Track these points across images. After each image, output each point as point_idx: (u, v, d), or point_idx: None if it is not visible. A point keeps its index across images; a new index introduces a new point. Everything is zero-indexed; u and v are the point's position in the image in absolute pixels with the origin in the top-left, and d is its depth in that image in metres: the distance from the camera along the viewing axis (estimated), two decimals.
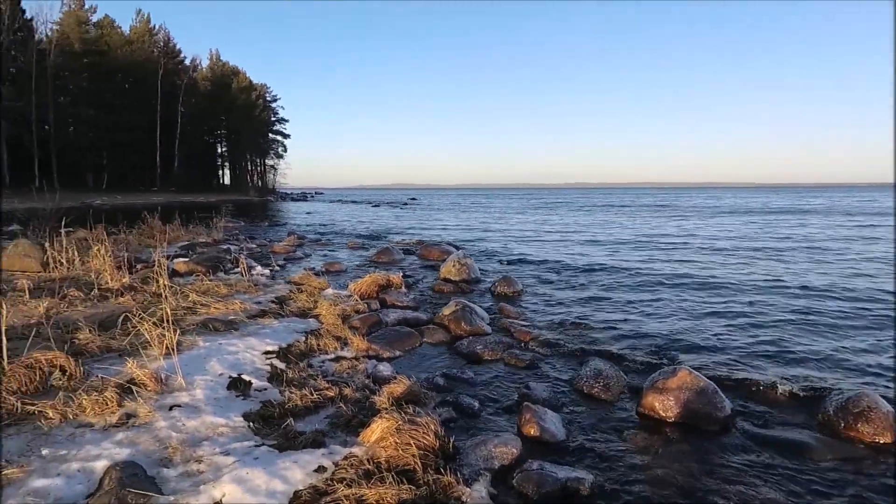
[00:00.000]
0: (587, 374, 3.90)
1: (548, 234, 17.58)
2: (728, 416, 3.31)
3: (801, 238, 15.10)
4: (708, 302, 6.72)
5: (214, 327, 4.62)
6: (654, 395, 3.44)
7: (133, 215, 14.10)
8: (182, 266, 7.95)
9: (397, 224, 22.97)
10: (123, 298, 5.55)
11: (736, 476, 2.70)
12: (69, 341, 3.93)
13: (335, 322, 5.03)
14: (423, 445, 2.54)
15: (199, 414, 2.92)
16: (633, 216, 27.77)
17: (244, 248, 11.42)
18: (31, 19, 42.96)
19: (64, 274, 6.67)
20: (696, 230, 18.25)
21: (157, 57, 51.07)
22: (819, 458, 2.90)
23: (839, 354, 4.65)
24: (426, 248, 11.52)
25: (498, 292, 7.14)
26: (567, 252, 12.33)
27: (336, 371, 3.91)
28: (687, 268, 9.65)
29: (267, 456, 2.49)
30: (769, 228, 18.65)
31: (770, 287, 7.63)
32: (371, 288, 6.61)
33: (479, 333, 5.12)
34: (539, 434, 2.95)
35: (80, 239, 8.87)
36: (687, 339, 5.12)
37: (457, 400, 3.49)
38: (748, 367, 4.35)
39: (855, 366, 4.37)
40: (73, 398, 2.90)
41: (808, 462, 2.87)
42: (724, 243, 13.99)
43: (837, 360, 4.50)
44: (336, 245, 13.59)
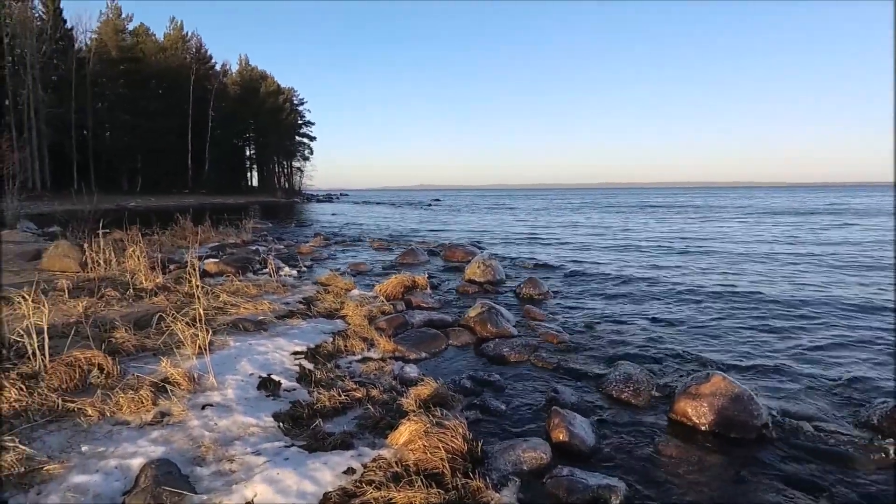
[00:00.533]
0: (616, 379, 3.83)
1: (574, 235, 17.39)
2: (765, 425, 3.20)
3: (842, 241, 14.56)
4: (746, 309, 6.52)
5: (244, 327, 4.70)
6: (686, 400, 3.35)
7: (166, 217, 14.51)
8: (213, 267, 8.12)
9: (421, 225, 23.05)
10: (157, 298, 5.69)
11: (774, 488, 2.61)
12: (106, 340, 4.04)
13: (362, 323, 5.07)
14: (451, 449, 2.53)
15: (230, 413, 2.97)
16: (663, 218, 27.24)
17: (272, 249, 11.61)
18: (72, 29, 44.66)
19: (101, 274, 6.87)
20: (732, 232, 17.80)
21: (189, 63, 52.49)
22: (861, 470, 2.79)
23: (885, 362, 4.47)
24: (450, 249, 11.52)
25: (523, 294, 7.08)
26: (594, 253, 12.18)
27: (363, 372, 3.93)
28: (723, 272, 9.41)
29: (297, 457, 2.51)
30: (815, 231, 17.80)
31: (818, 300, 7.31)
32: (397, 289, 6.64)
33: (505, 336, 5.08)
34: (568, 439, 2.91)
35: (116, 240, 9.16)
36: (721, 346, 4.98)
37: (484, 403, 3.48)
38: (785, 374, 4.21)
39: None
40: (111, 396, 2.98)
41: (849, 474, 2.75)
42: (765, 247, 13.59)
43: (881, 366, 4.33)
44: (361, 246, 13.71)
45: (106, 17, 47.98)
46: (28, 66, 37.39)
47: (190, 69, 51.59)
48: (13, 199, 15.47)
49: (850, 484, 2.65)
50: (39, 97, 38.23)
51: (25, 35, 37.44)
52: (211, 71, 57.44)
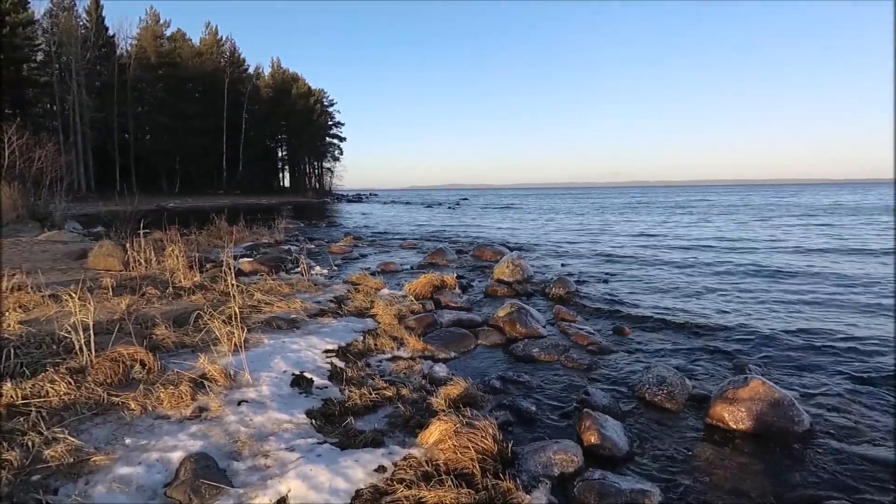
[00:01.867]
0: (650, 381, 3.76)
1: (603, 234, 17.13)
2: (807, 431, 3.10)
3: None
4: (785, 307, 6.32)
5: (278, 325, 4.80)
6: (723, 405, 3.27)
7: (202, 217, 14.93)
8: (247, 266, 8.32)
9: (449, 224, 23.07)
10: (195, 297, 5.87)
11: (815, 497, 2.52)
12: (147, 336, 4.20)
13: (391, 322, 5.11)
14: (481, 449, 2.53)
15: (265, 410, 3.04)
16: (702, 216, 26.58)
17: (303, 249, 11.82)
18: (113, 36, 46.43)
19: (142, 273, 7.13)
20: (762, 231, 17.25)
21: (223, 66, 53.98)
22: None
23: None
24: (479, 248, 11.50)
25: (553, 294, 7.02)
26: (625, 253, 11.97)
27: (393, 371, 3.97)
28: (762, 271, 9.14)
29: (329, 454, 2.56)
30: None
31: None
32: (426, 289, 6.67)
33: (534, 336, 5.05)
34: (600, 442, 2.87)
35: (156, 240, 9.47)
36: (760, 348, 4.83)
37: (514, 403, 3.46)
38: (831, 378, 4.05)
39: None
40: (152, 391, 3.09)
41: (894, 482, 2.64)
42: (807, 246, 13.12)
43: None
44: (390, 245, 13.82)
45: (145, 23, 49.75)
46: (73, 73, 39.08)
47: (224, 72, 53.03)
48: (61, 200, 16.19)
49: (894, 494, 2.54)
50: (84, 102, 39.91)
51: (71, 43, 39.13)
52: (244, 74, 58.87)
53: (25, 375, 3.21)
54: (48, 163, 16.93)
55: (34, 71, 39.58)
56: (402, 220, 26.13)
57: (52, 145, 18.18)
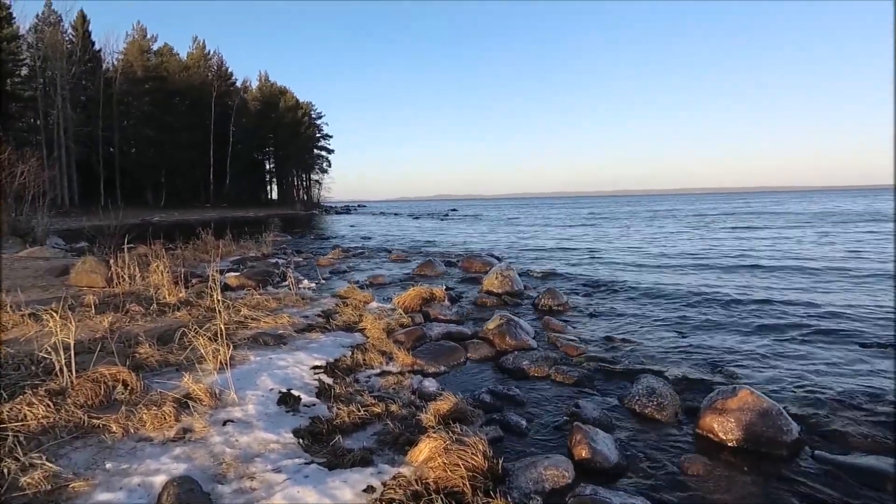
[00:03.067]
0: (639, 393, 3.75)
1: (593, 244, 17.22)
2: (795, 441, 3.10)
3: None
4: (776, 319, 6.35)
5: (265, 341, 4.74)
6: (712, 415, 3.27)
7: (188, 231, 14.78)
8: (234, 280, 8.23)
9: (439, 236, 23.07)
10: (180, 313, 5.78)
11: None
12: (131, 355, 4.11)
13: (380, 336, 5.07)
14: (471, 466, 2.50)
15: (251, 429, 2.98)
16: (700, 227, 26.85)
17: (291, 262, 11.73)
18: (100, 50, 46.19)
19: (126, 289, 7.02)
20: (743, 241, 17.45)
21: (211, 80, 53.85)
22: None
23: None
24: (468, 260, 11.49)
25: (542, 305, 7.01)
26: (614, 264, 12.03)
27: (382, 386, 3.92)
28: (750, 282, 9.23)
29: (317, 474, 2.51)
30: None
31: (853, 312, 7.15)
32: (415, 301, 6.64)
33: (524, 348, 5.04)
34: (591, 456, 2.85)
35: (140, 255, 9.34)
36: (749, 359, 4.84)
37: (504, 418, 3.43)
38: (818, 388, 4.07)
39: None
40: (135, 412, 3.02)
41: (886, 492, 2.64)
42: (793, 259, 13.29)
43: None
44: (379, 258, 13.76)
45: (132, 37, 49.57)
46: (58, 87, 38.73)
47: (212, 86, 52.96)
48: (43, 216, 15.95)
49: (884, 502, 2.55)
50: (68, 116, 39.54)
51: (56, 58, 38.84)
52: (232, 87, 58.83)
53: (2, 398, 3.12)
54: (31, 178, 16.69)
55: (18, 86, 39.13)
56: (390, 232, 26.08)
57: (35, 160, 17.91)
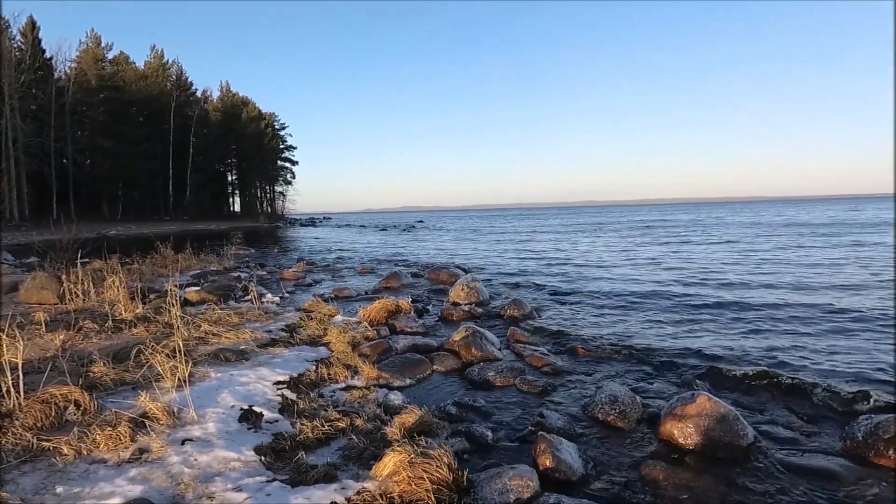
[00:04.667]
0: (602, 400, 3.83)
1: (558, 254, 17.52)
2: (751, 444, 3.22)
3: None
4: (735, 322, 6.60)
5: (226, 357, 4.63)
6: (672, 422, 3.36)
7: (146, 245, 14.31)
8: (194, 295, 8.02)
9: (405, 247, 23.04)
10: (137, 330, 5.59)
11: None
12: (84, 375, 3.96)
13: (345, 350, 5.03)
14: (436, 479, 2.50)
15: (211, 448, 2.91)
16: (649, 236, 27.55)
17: (254, 276, 11.50)
18: (51, 58, 44.48)
19: (80, 306, 6.74)
20: (707, 248, 18.08)
21: (170, 90, 52.52)
22: (848, 488, 2.80)
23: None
24: (435, 271, 11.53)
25: (508, 315, 7.09)
26: (578, 273, 12.26)
27: (347, 401, 3.88)
28: (712, 286, 9.55)
29: (279, 492, 2.47)
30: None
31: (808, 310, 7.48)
32: (380, 314, 6.61)
33: (490, 359, 5.08)
34: (555, 465, 2.89)
35: (95, 270, 9.00)
36: (708, 364, 5.00)
37: (469, 430, 3.45)
38: (772, 391, 4.25)
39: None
40: (88, 433, 2.90)
41: (836, 492, 2.76)
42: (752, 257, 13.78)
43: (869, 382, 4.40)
44: (345, 270, 13.64)
45: (86, 46, 47.98)
46: (6, 97, 37.01)
47: (171, 96, 51.62)
48: None
49: (836, 501, 2.67)
50: (18, 127, 37.78)
51: (4, 66, 37.16)
52: (192, 97, 57.57)
53: None
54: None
55: None
56: (356, 244, 25.89)
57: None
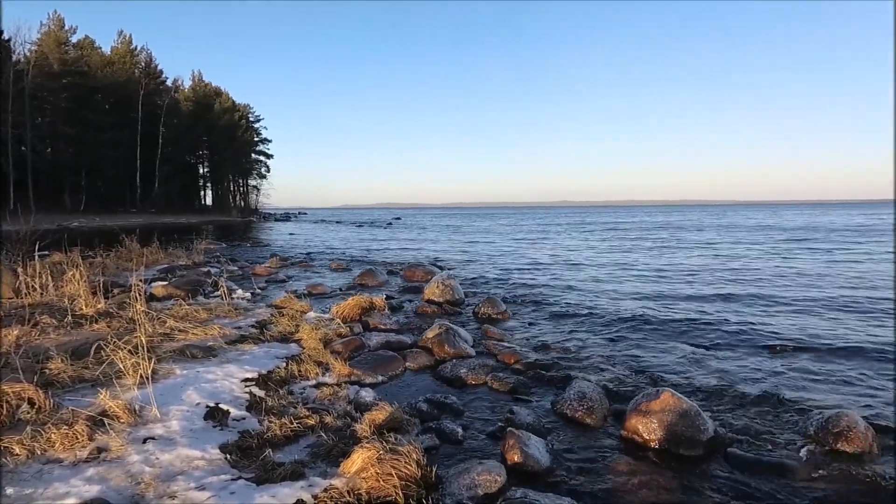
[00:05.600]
0: (571, 397, 3.87)
1: (535, 253, 17.67)
2: (711, 438, 3.30)
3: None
4: (697, 326, 6.73)
5: (192, 354, 4.53)
6: (637, 418, 3.42)
7: (111, 238, 13.84)
8: (160, 290, 7.81)
9: (381, 244, 22.92)
10: (98, 325, 5.41)
11: (719, 502, 2.69)
12: (39, 371, 3.81)
13: (317, 347, 4.96)
14: (404, 475, 2.49)
15: (174, 446, 2.84)
16: (621, 237, 28.01)
17: (225, 271, 11.27)
18: (9, 40, 42.58)
19: (37, 300, 6.49)
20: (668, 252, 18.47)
21: (138, 77, 50.94)
22: (802, 479, 2.90)
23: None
24: (410, 269, 11.49)
25: (482, 314, 7.12)
26: (554, 273, 12.39)
27: (317, 398, 3.83)
28: (679, 291, 9.76)
29: (244, 490, 2.42)
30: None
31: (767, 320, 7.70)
32: (354, 311, 6.55)
33: (462, 356, 5.09)
34: (523, 460, 2.91)
35: (54, 263, 8.68)
36: (673, 362, 5.12)
37: (440, 426, 3.45)
38: (732, 389, 4.36)
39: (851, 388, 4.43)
40: (42, 432, 2.79)
41: (790, 483, 2.86)
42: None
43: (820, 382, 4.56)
44: (319, 267, 13.48)
45: (47, 28, 46.14)
46: None
47: (139, 84, 50.05)
48: None
49: (790, 494, 2.76)
50: None
51: None
52: (162, 86, 56.00)
53: None
54: None
55: None
56: (332, 240, 25.63)
57: None
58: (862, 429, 3.21)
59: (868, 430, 3.24)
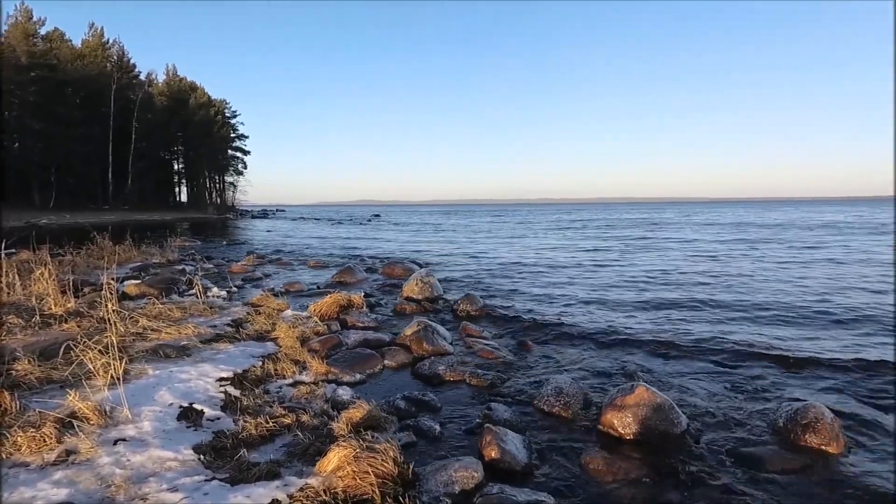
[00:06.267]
0: (548, 393, 3.91)
1: (515, 251, 17.76)
2: (685, 432, 3.37)
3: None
4: (677, 315, 6.87)
5: (166, 354, 4.45)
6: (612, 412, 3.48)
7: (82, 235, 13.48)
8: (133, 289, 7.65)
9: (360, 242, 22.77)
10: (68, 325, 5.28)
11: (693, 494, 2.73)
12: (5, 373, 3.70)
13: (294, 345, 4.92)
14: (381, 473, 2.49)
15: (145, 448, 2.78)
16: (603, 234, 28.29)
17: (200, 269, 11.07)
18: None
19: (3, 299, 6.29)
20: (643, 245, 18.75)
21: (110, 71, 49.60)
22: (772, 470, 2.96)
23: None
24: (389, 266, 11.46)
25: (461, 311, 7.12)
26: (532, 269, 12.47)
27: (294, 397, 3.80)
28: (655, 280, 9.91)
29: (218, 490, 2.39)
30: None
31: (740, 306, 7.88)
32: (332, 309, 6.51)
33: (441, 353, 5.10)
34: (500, 456, 2.93)
35: (22, 262, 8.42)
36: (649, 359, 5.19)
37: (417, 423, 3.45)
38: (705, 381, 4.46)
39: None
40: (8, 435, 2.72)
41: (761, 474, 2.93)
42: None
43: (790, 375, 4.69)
44: (297, 264, 13.34)
45: (14, 20, 44.62)
46: None
47: (111, 78, 48.74)
48: None
49: (760, 484, 2.83)
50: None
51: None
52: (135, 80, 54.63)
53: None
54: None
55: None
56: (310, 238, 25.37)
57: None
58: (829, 420, 3.31)
59: (835, 421, 3.33)
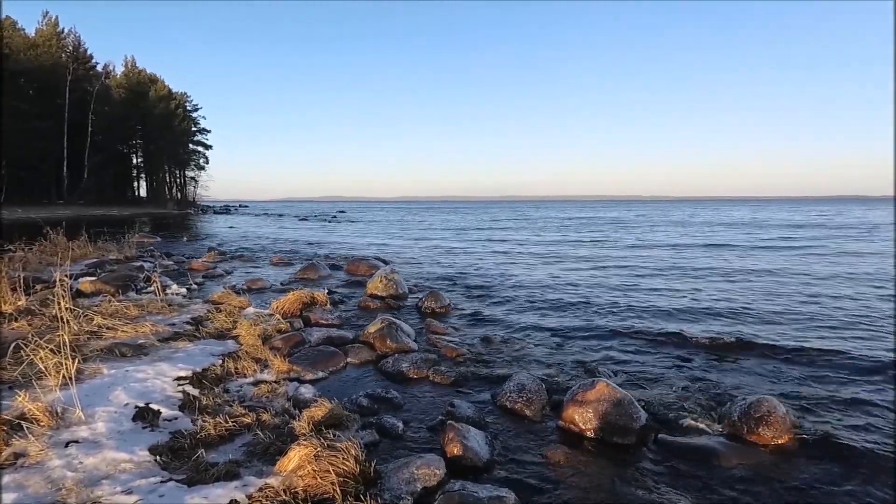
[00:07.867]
0: (510, 389, 3.97)
1: (479, 249, 17.87)
2: (644, 427, 3.47)
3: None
4: (636, 316, 7.05)
5: (121, 353, 4.32)
6: (574, 407, 3.55)
7: (34, 230, 12.88)
8: (88, 286, 7.38)
9: (325, 238, 22.53)
10: (18, 324, 5.07)
11: (651, 487, 2.83)
12: None
13: (255, 343, 4.85)
14: (342, 472, 2.49)
15: (99, 450, 2.71)
16: (562, 229, 28.67)
17: (159, 266, 10.76)
18: None
19: None
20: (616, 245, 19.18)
21: (65, 62, 47.46)
22: (727, 464, 3.07)
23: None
24: (353, 263, 11.39)
25: (425, 308, 7.16)
26: (497, 266, 12.58)
27: (255, 395, 3.76)
28: (620, 280, 10.14)
29: (174, 492, 2.35)
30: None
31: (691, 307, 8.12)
32: (295, 306, 6.44)
33: (404, 351, 5.11)
34: (462, 453, 2.97)
35: None
36: (610, 352, 5.33)
37: (380, 421, 3.46)
38: (664, 378, 4.60)
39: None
40: None
41: (716, 468, 3.03)
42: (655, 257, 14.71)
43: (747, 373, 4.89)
44: (259, 261, 13.12)
45: None
46: None
47: (66, 69, 46.66)
48: None
49: (715, 477, 2.93)
50: None
51: None
52: (92, 72, 52.49)
53: None
54: None
55: None
56: (273, 234, 24.94)
57: None
58: (781, 414, 3.45)
59: (787, 414, 3.48)
